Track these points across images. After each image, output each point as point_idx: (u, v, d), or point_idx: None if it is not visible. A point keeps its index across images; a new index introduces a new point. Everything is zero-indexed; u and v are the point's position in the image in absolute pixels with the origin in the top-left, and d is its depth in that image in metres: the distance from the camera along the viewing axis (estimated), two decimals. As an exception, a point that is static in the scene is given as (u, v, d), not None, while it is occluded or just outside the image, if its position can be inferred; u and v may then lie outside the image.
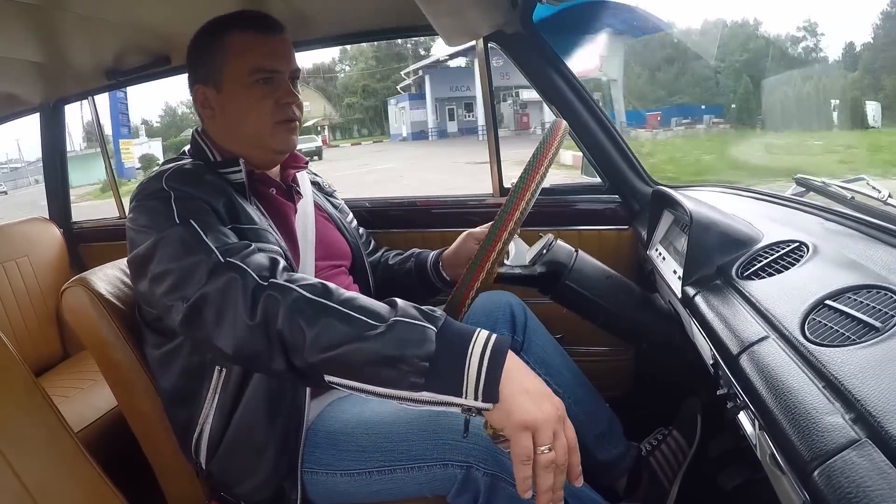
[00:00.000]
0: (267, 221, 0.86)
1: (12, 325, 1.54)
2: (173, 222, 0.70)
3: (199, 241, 0.68)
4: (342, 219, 1.09)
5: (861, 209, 0.78)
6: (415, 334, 0.56)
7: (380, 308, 0.60)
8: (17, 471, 0.70)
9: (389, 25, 1.39)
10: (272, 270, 0.65)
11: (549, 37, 1.27)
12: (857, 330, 0.49)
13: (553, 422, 0.54)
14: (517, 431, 0.54)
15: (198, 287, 0.65)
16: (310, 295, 0.61)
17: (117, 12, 1.15)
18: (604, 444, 1.06)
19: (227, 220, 0.76)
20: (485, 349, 0.56)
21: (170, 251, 0.69)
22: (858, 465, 0.36)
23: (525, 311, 1.10)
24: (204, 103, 0.88)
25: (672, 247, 1.01)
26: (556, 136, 0.79)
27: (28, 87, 1.67)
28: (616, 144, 1.31)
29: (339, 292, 0.63)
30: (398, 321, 0.57)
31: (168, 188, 0.74)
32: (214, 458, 0.83)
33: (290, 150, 0.92)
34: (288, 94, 0.86)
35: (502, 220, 0.75)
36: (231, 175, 0.85)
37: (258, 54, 0.84)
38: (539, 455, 0.53)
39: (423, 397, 0.55)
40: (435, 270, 1.07)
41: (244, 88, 0.84)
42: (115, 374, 0.89)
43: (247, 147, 0.88)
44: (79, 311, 0.87)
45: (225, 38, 0.84)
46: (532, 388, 0.56)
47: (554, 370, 1.07)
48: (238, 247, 0.69)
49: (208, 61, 0.85)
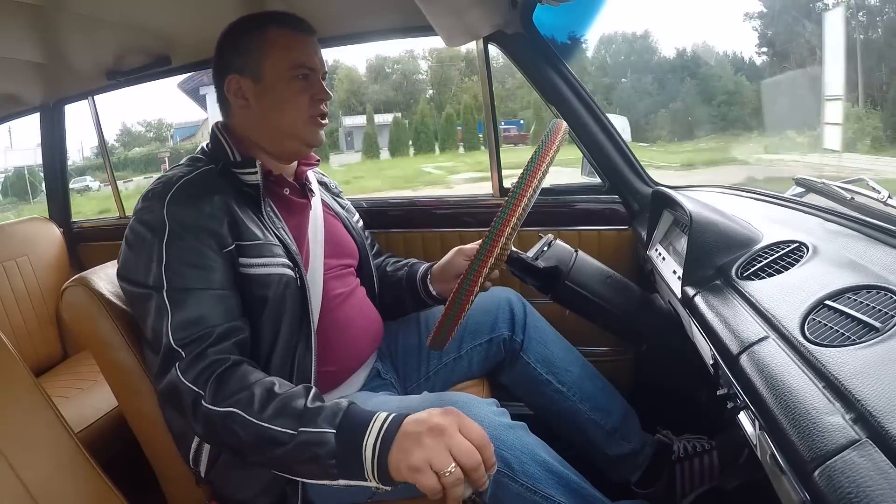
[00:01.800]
0: (280, 224, 0.87)
1: (12, 326, 1.54)
2: (148, 282, 0.75)
3: (161, 320, 0.73)
4: (349, 218, 1.09)
5: (861, 210, 0.78)
6: (318, 439, 0.64)
7: (295, 412, 0.66)
8: (17, 471, 0.70)
9: (389, 26, 1.39)
10: (208, 380, 0.71)
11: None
12: (856, 330, 0.49)
13: (441, 448, 0.59)
14: (413, 477, 0.59)
15: (157, 375, 0.75)
16: (240, 412, 0.68)
17: (117, 12, 1.15)
18: (615, 439, 1.06)
19: (230, 240, 0.79)
20: (378, 436, 0.62)
21: (141, 309, 0.77)
22: (859, 465, 0.36)
23: (525, 307, 1.10)
24: (237, 93, 0.89)
25: (672, 247, 1.01)
26: (556, 136, 0.79)
27: (28, 87, 1.66)
28: (616, 145, 1.31)
29: (263, 399, 0.68)
30: (302, 432, 0.64)
31: (168, 217, 0.76)
32: (214, 469, 0.84)
33: (319, 145, 0.94)
34: (322, 91, 0.90)
35: (502, 221, 0.75)
36: (246, 176, 0.86)
37: (299, 51, 0.88)
38: (444, 479, 0.58)
39: (343, 483, 0.64)
40: (423, 285, 1.07)
41: (285, 82, 0.87)
42: (115, 374, 0.89)
43: (277, 138, 0.90)
44: (79, 310, 0.87)
45: (266, 32, 0.87)
46: (414, 436, 0.60)
47: (558, 368, 1.07)
48: (196, 340, 0.73)
49: (246, 52, 0.88)
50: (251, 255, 0.80)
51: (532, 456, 0.76)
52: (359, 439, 0.63)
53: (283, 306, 0.83)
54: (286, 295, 0.83)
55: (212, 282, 0.76)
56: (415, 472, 0.59)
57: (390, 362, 1.09)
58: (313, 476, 0.66)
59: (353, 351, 0.96)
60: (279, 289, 0.82)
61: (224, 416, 0.68)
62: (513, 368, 1.09)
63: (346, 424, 0.64)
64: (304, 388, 0.70)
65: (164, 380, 0.73)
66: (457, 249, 1.03)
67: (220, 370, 0.72)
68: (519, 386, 1.10)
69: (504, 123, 11.35)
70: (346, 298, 0.97)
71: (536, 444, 0.79)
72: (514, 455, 0.74)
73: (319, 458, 0.63)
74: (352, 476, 0.63)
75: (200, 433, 0.72)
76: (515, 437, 0.77)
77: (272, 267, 0.82)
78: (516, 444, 0.75)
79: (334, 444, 0.63)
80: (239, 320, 0.78)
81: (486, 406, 0.79)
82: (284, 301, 0.83)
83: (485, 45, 1.32)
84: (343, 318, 0.94)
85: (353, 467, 0.62)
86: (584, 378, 1.08)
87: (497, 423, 0.76)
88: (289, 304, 0.83)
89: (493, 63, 1.40)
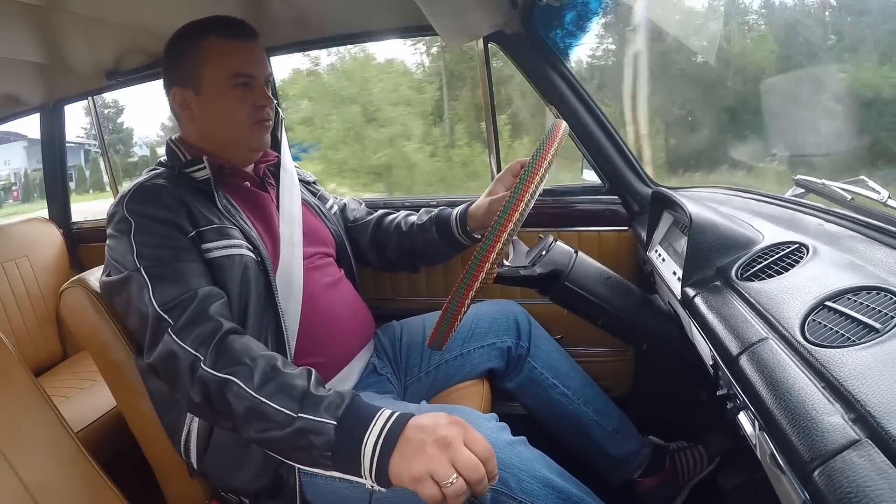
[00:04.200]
0: (237, 213, 0.89)
1: (12, 326, 1.54)
2: (125, 269, 0.77)
3: (143, 295, 0.75)
4: (320, 206, 1.11)
5: (861, 210, 0.78)
6: (317, 429, 0.63)
7: (296, 393, 0.66)
8: (17, 470, 0.70)
9: (389, 26, 1.39)
10: (208, 344, 0.71)
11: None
12: (856, 331, 0.49)
13: (445, 460, 0.58)
14: (415, 486, 0.59)
15: (148, 349, 0.75)
16: (238, 382, 0.68)
17: (117, 13, 1.15)
18: (617, 440, 1.10)
19: (190, 227, 0.81)
20: (379, 437, 0.62)
21: (123, 298, 0.78)
22: (858, 465, 0.36)
23: (529, 319, 1.14)
24: (183, 105, 0.91)
25: (672, 248, 1.01)
26: (555, 136, 0.79)
27: (28, 87, 1.67)
28: (616, 146, 1.31)
29: (266, 374, 0.68)
30: (302, 418, 0.64)
31: (129, 215, 0.79)
32: (205, 457, 0.84)
33: (264, 148, 0.97)
34: (263, 98, 0.90)
35: (502, 221, 0.75)
36: (196, 173, 0.87)
37: (237, 60, 0.88)
38: (446, 489, 0.57)
39: (335, 473, 0.64)
40: (460, 223, 1.08)
41: (224, 92, 0.88)
42: (113, 374, 0.89)
43: (224, 146, 0.92)
44: (78, 311, 0.87)
45: (203, 42, 0.87)
46: (418, 444, 0.59)
47: (561, 373, 1.11)
48: (180, 304, 0.74)
49: (185, 64, 0.88)
50: (211, 240, 0.82)
51: (531, 473, 0.75)
52: (359, 436, 0.62)
53: (246, 288, 0.83)
54: (248, 277, 0.84)
55: (184, 257, 0.79)
56: (416, 482, 0.58)
57: (388, 359, 1.10)
58: (305, 463, 0.66)
59: (341, 341, 0.97)
60: (238, 271, 0.83)
61: (221, 383, 0.68)
62: (519, 373, 1.11)
63: (348, 417, 0.64)
64: (305, 371, 0.70)
65: (155, 350, 0.73)
66: (497, 179, 1.03)
67: (221, 334, 0.72)
68: (525, 391, 1.12)
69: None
70: (329, 288, 0.98)
71: (536, 458, 0.78)
72: (512, 474, 0.74)
73: (315, 447, 0.63)
74: (346, 470, 0.63)
75: (196, 400, 0.70)
76: (515, 454, 0.76)
77: (232, 249, 0.84)
78: (515, 462, 0.75)
79: (333, 437, 0.63)
80: (217, 287, 0.80)
81: (486, 422, 0.79)
82: (248, 283, 0.84)
83: (485, 45, 1.32)
84: (327, 308, 0.95)
85: (350, 462, 0.62)
86: (585, 385, 1.12)
87: (496, 441, 0.75)
88: (254, 289, 0.84)
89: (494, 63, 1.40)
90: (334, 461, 0.63)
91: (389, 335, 1.13)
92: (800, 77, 1.89)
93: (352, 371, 0.98)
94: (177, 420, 0.85)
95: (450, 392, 1.10)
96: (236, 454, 0.82)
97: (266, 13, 1.28)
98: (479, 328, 1.11)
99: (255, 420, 0.66)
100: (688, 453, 1.13)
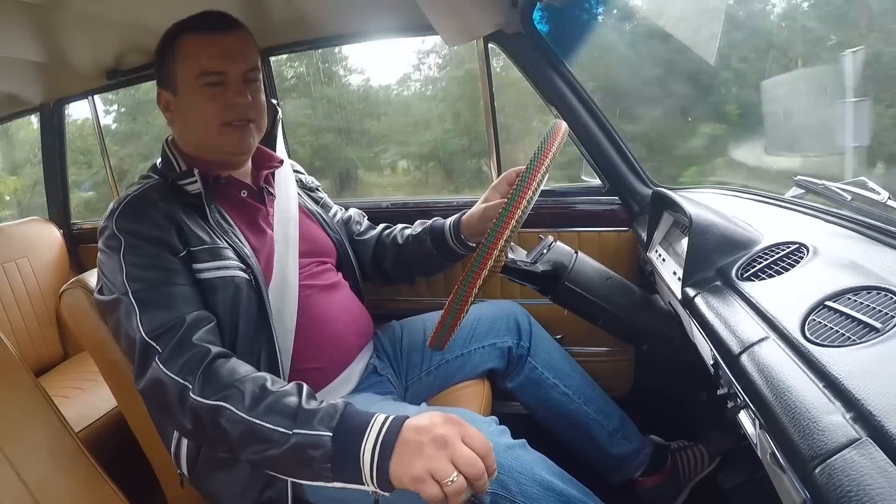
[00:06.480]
0: (230, 229, 0.87)
1: (12, 326, 1.54)
2: (115, 291, 0.76)
3: (131, 320, 0.73)
4: (324, 214, 1.10)
5: (861, 211, 0.78)
6: (314, 442, 0.62)
7: (288, 410, 0.65)
8: (18, 470, 0.70)
9: (389, 26, 1.39)
10: (195, 372, 0.70)
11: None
12: (857, 330, 0.49)
13: (444, 459, 0.58)
14: (416, 486, 0.58)
15: (137, 376, 0.74)
16: (229, 407, 0.67)
17: (117, 12, 1.15)
18: (618, 439, 1.10)
19: (181, 246, 0.79)
20: (376, 442, 0.61)
21: (114, 320, 0.77)
22: (859, 464, 0.36)
23: (529, 320, 1.14)
24: (166, 107, 0.89)
25: (672, 248, 1.01)
26: (555, 137, 0.79)
27: (28, 87, 1.67)
28: (616, 146, 1.31)
29: (255, 394, 0.67)
30: (297, 433, 0.63)
31: (119, 232, 0.77)
32: (195, 470, 0.84)
33: (244, 151, 0.90)
34: (237, 95, 0.84)
35: (502, 222, 0.75)
36: (188, 186, 0.86)
37: (206, 57, 0.83)
38: (447, 488, 0.57)
39: (338, 485, 0.64)
40: (454, 233, 1.07)
41: (195, 92, 0.84)
42: (114, 374, 0.89)
43: (201, 150, 0.90)
44: (78, 312, 0.87)
45: (176, 42, 0.85)
46: (416, 445, 0.59)
47: (562, 373, 1.11)
48: (168, 331, 0.72)
49: (164, 65, 0.87)
50: (202, 260, 0.80)
51: (531, 476, 0.75)
52: (356, 443, 0.62)
53: (236, 310, 0.82)
54: (239, 299, 0.82)
55: (174, 280, 0.77)
56: (417, 482, 0.58)
57: (388, 360, 1.10)
58: (307, 477, 0.65)
59: (339, 345, 0.96)
60: (230, 292, 0.82)
61: (213, 410, 0.67)
62: (520, 373, 1.12)
63: (342, 427, 0.63)
64: (296, 386, 0.69)
65: (144, 378, 0.72)
66: (492, 186, 1.03)
67: (207, 361, 0.71)
68: (526, 391, 1.12)
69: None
70: (325, 293, 0.97)
71: (536, 460, 0.78)
72: (511, 477, 0.74)
73: (314, 460, 0.62)
74: (348, 479, 0.62)
75: (189, 428, 0.70)
76: (514, 457, 0.76)
77: (224, 270, 0.82)
78: (514, 466, 0.75)
79: (331, 448, 0.62)
80: (206, 311, 0.78)
81: (485, 426, 0.79)
82: (238, 305, 0.82)
83: (485, 44, 1.32)
84: (323, 314, 0.94)
85: (350, 471, 0.62)
86: (585, 385, 1.12)
87: (495, 445, 0.73)
88: (243, 308, 0.83)
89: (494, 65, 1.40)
90: (335, 472, 0.62)
91: (390, 335, 1.13)
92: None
93: (352, 373, 0.98)
94: (169, 429, 0.86)
95: (450, 392, 1.10)
96: (225, 471, 0.82)
97: (265, 13, 1.28)
98: (479, 328, 1.11)
99: (252, 442, 0.65)
100: (688, 452, 1.13)
